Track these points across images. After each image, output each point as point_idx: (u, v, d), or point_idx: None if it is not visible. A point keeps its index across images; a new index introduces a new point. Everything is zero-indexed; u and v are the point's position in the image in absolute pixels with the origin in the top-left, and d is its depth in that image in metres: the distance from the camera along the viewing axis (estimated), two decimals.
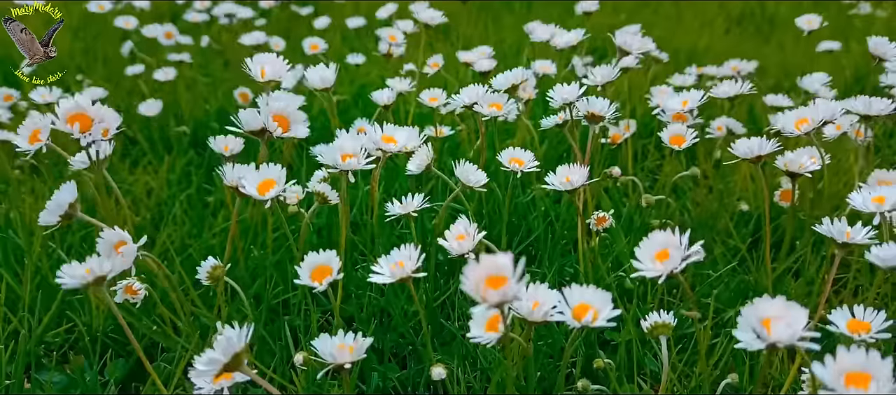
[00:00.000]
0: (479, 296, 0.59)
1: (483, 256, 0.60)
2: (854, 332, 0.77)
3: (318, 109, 1.74)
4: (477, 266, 0.59)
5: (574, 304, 0.76)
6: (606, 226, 1.11)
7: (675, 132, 1.23)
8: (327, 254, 0.88)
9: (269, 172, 0.94)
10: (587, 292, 0.77)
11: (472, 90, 1.21)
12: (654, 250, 0.76)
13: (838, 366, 0.60)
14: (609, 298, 0.76)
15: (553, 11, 2.74)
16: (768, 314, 0.64)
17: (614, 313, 0.74)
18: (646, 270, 0.75)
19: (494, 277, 0.60)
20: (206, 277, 0.95)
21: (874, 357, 0.59)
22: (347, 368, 0.80)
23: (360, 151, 0.95)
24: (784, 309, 0.65)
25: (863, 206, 0.93)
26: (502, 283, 0.59)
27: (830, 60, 1.91)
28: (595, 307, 0.75)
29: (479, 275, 0.59)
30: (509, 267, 0.59)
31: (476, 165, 1.04)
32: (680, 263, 0.73)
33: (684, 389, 0.95)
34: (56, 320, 1.08)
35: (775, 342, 0.63)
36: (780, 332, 0.63)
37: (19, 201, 1.35)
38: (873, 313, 0.79)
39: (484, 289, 0.59)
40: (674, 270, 0.73)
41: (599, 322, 0.74)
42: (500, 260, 0.59)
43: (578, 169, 1.02)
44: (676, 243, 0.74)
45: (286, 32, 2.48)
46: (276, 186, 0.92)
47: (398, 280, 0.82)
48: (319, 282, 0.85)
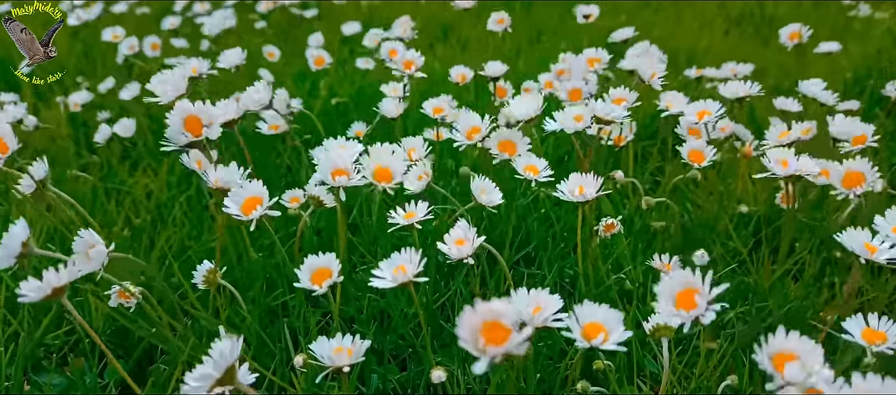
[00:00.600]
0: (477, 350, 0.54)
1: (478, 302, 0.54)
2: (870, 342, 0.75)
3: (317, 110, 1.74)
4: (472, 314, 0.54)
5: (585, 322, 0.73)
6: (614, 232, 1.10)
7: (694, 148, 1.22)
8: (327, 257, 0.88)
9: (252, 188, 0.91)
10: (599, 311, 0.73)
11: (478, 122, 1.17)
12: (675, 291, 0.71)
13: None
14: (621, 318, 0.72)
15: (553, 12, 2.74)
16: (782, 350, 0.63)
17: (625, 335, 0.71)
18: (667, 318, 0.71)
19: (491, 324, 0.55)
20: (202, 281, 0.95)
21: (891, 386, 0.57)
22: (346, 370, 0.79)
23: (352, 167, 0.94)
24: (798, 346, 0.63)
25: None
26: (501, 332, 0.54)
27: (829, 62, 1.91)
28: (607, 328, 0.72)
29: (474, 324, 0.54)
30: (507, 314, 0.54)
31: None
32: (705, 310, 0.69)
33: (684, 390, 0.95)
34: (55, 322, 1.07)
35: (787, 384, 0.61)
36: (794, 374, 0.60)
37: (18, 203, 1.35)
38: (888, 322, 0.77)
39: (482, 341, 0.54)
40: (699, 317, 0.69)
41: (609, 345, 0.70)
42: (496, 307, 0.54)
43: (592, 179, 1.01)
44: (700, 288, 0.69)
45: (285, 35, 2.49)
46: (261, 205, 0.89)
47: (400, 285, 0.82)
48: (319, 285, 0.85)
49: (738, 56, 1.85)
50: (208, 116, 1.01)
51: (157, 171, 1.60)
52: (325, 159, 0.95)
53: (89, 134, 1.74)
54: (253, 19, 2.62)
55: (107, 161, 1.66)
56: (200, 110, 1.00)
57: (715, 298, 0.69)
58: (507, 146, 1.17)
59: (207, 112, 1.01)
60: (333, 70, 2.00)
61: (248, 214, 0.89)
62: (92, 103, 1.78)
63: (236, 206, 0.90)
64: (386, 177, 0.98)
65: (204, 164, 1.13)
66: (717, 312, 0.69)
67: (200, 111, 1.00)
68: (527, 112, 1.20)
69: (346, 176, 0.94)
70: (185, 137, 1.01)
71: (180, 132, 0.99)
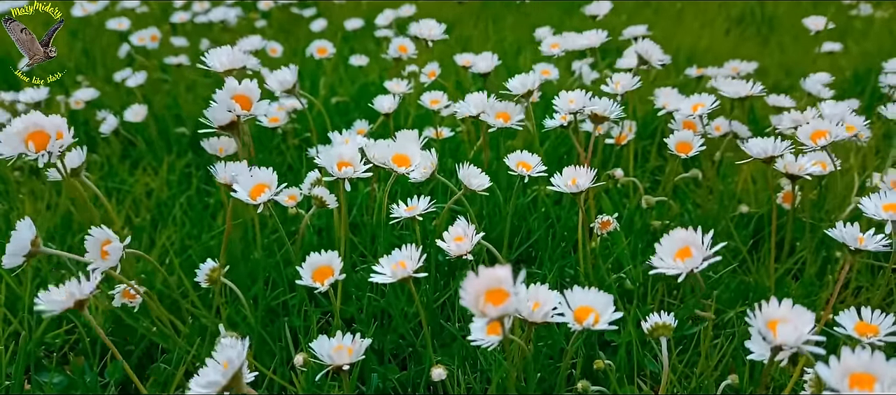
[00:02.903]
0: (478, 310, 0.58)
1: (481, 269, 0.58)
2: (862, 335, 0.77)
3: (317, 109, 1.73)
4: (475, 279, 0.58)
5: (575, 306, 0.76)
6: (610, 230, 1.10)
7: (682, 139, 1.23)
8: (329, 254, 0.88)
9: (260, 175, 0.92)
10: (589, 295, 0.76)
11: (477, 99, 1.19)
12: (674, 248, 0.76)
13: (843, 367, 0.59)
14: (610, 300, 0.75)
15: (553, 11, 2.74)
16: (775, 317, 0.65)
17: (615, 315, 0.74)
18: (665, 267, 0.75)
19: (493, 290, 0.58)
20: (204, 279, 0.95)
21: (879, 358, 0.59)
22: (346, 369, 0.80)
23: (357, 158, 0.95)
24: (791, 313, 0.65)
25: (874, 212, 0.91)
26: (502, 296, 0.58)
27: (830, 61, 1.91)
28: (596, 310, 0.75)
29: (477, 288, 0.58)
30: (509, 280, 0.58)
31: (479, 168, 1.04)
32: (701, 262, 0.73)
33: (684, 390, 0.95)
34: (56, 320, 1.07)
35: (781, 345, 0.63)
36: (786, 334, 0.63)
37: (19, 202, 1.35)
38: (881, 316, 0.78)
39: (483, 303, 0.58)
40: (694, 269, 0.73)
41: (601, 325, 0.74)
42: (499, 273, 0.58)
43: (584, 171, 1.01)
44: (698, 243, 0.74)
45: (285, 34, 2.49)
46: (268, 190, 0.90)
47: (400, 280, 0.82)
48: (321, 283, 0.85)
49: (739, 55, 1.85)
50: (255, 95, 1.03)
51: (157, 170, 1.60)
52: (330, 150, 0.96)
53: (90, 132, 1.74)
54: (253, 18, 2.62)
55: (107, 160, 1.66)
56: (247, 89, 1.03)
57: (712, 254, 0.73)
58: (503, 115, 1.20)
59: (254, 91, 1.03)
60: (332, 69, 2.01)
61: (255, 198, 0.90)
62: (93, 102, 1.78)
63: (244, 191, 0.91)
64: (404, 162, 1.01)
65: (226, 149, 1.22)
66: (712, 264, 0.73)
67: (248, 90, 1.03)
68: (524, 84, 1.23)
69: (350, 167, 0.94)
70: (228, 115, 1.02)
71: (228, 107, 1.01)
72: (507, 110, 1.20)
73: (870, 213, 0.92)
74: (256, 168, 0.94)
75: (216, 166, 1.03)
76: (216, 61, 1.11)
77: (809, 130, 1.09)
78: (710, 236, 0.74)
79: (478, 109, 1.19)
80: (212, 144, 1.28)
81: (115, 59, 2.17)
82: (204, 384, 0.66)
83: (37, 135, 0.91)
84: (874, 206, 0.92)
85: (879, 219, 0.91)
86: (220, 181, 1.02)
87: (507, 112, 1.19)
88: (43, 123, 0.91)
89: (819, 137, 1.07)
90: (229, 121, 1.03)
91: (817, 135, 1.08)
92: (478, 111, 1.19)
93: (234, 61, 1.11)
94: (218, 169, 1.02)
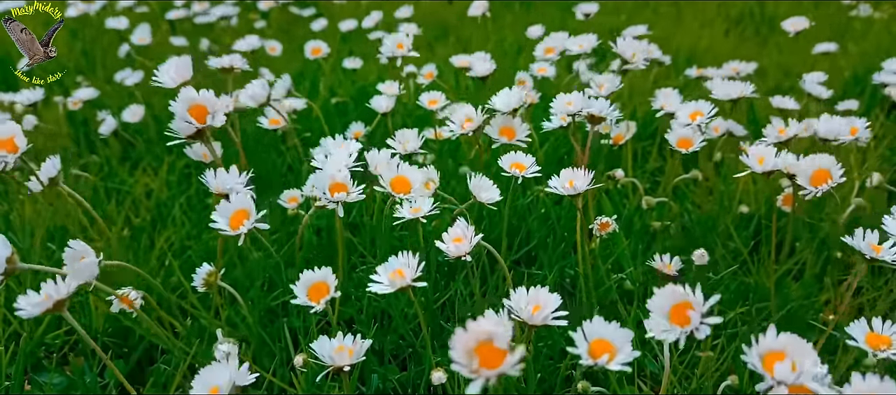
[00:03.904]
0: (469, 371, 0.53)
1: (470, 323, 0.53)
2: (874, 347, 0.74)
3: (315, 114, 1.73)
4: (465, 334, 0.53)
5: (592, 338, 0.71)
6: (610, 231, 1.10)
7: (683, 135, 1.23)
8: (323, 271, 0.86)
9: (240, 202, 0.87)
10: (609, 329, 0.71)
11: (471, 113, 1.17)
12: (667, 307, 0.70)
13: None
14: (630, 338, 0.70)
15: (552, 11, 2.74)
16: (772, 349, 0.62)
17: (633, 356, 0.68)
18: (656, 332, 0.69)
19: (486, 345, 0.53)
20: (201, 283, 0.95)
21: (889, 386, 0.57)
22: (346, 370, 0.79)
23: (350, 181, 0.93)
24: (789, 345, 0.62)
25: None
26: (495, 352, 0.53)
27: (829, 62, 1.92)
28: (615, 345, 0.70)
29: (467, 345, 0.53)
30: (501, 335, 0.53)
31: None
32: (700, 324, 0.67)
33: (685, 391, 0.95)
34: (56, 321, 1.07)
35: (781, 381, 0.60)
36: (783, 374, 0.60)
37: (18, 203, 1.35)
38: (892, 327, 0.76)
39: (476, 363, 0.53)
40: (693, 331, 0.67)
41: (614, 366, 0.68)
42: (490, 328, 0.53)
43: (582, 173, 1.01)
44: (693, 301, 0.67)
45: (285, 34, 2.49)
46: (249, 219, 0.86)
47: (398, 290, 0.81)
48: (317, 302, 0.84)
49: (738, 56, 1.85)
50: (212, 104, 0.99)
51: (157, 170, 1.60)
52: (322, 174, 0.93)
53: (89, 133, 1.74)
54: (253, 18, 2.62)
55: (107, 161, 1.66)
56: (204, 98, 0.99)
57: (709, 311, 0.67)
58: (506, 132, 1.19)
59: (211, 100, 0.99)
60: (330, 69, 2.00)
61: (236, 228, 0.85)
62: (92, 101, 1.77)
63: (224, 220, 0.87)
64: (404, 187, 0.98)
65: (210, 157, 1.16)
66: (712, 326, 0.67)
67: (204, 99, 0.99)
68: (509, 103, 1.21)
69: (344, 192, 0.92)
70: (189, 127, 0.99)
71: (185, 119, 0.98)
72: (512, 126, 1.18)
73: (893, 232, 0.87)
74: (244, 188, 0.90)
75: (206, 175, 0.99)
76: (166, 77, 1.08)
77: (809, 171, 1.02)
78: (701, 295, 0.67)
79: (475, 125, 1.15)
80: (195, 150, 1.26)
81: (115, 60, 2.17)
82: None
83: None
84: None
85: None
86: (214, 192, 0.97)
87: (512, 128, 1.18)
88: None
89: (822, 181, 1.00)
90: (196, 130, 0.99)
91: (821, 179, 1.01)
92: (477, 126, 1.16)
93: (183, 75, 1.08)
94: (209, 181, 0.97)
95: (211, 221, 0.87)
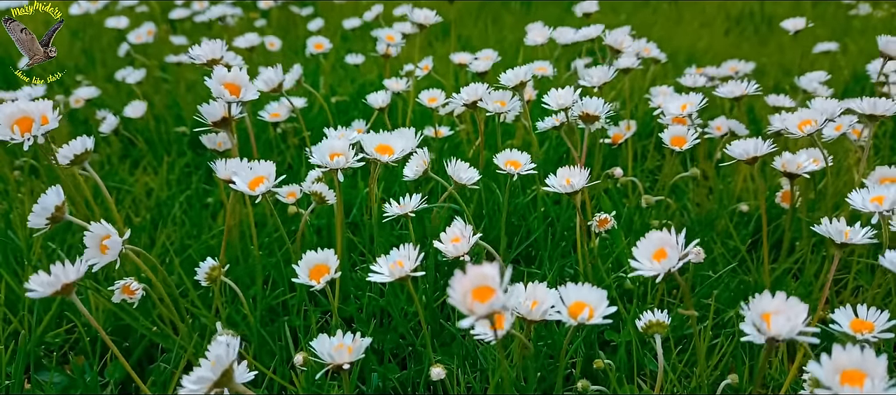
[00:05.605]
0: (466, 308, 0.58)
1: (469, 266, 0.59)
2: (857, 331, 0.77)
3: (317, 108, 1.74)
4: (463, 277, 0.58)
5: (570, 302, 0.77)
6: (608, 228, 1.11)
7: (676, 133, 1.24)
8: (325, 253, 0.89)
9: (259, 168, 0.94)
10: (583, 291, 0.78)
11: (473, 88, 1.20)
12: (651, 250, 0.76)
13: (834, 364, 0.60)
14: (604, 295, 0.76)
15: (552, 11, 2.74)
16: (768, 310, 0.65)
17: (610, 310, 0.75)
18: (643, 269, 0.75)
19: (481, 288, 0.58)
20: (204, 278, 0.95)
21: (869, 355, 0.59)
22: (346, 368, 0.80)
23: (349, 150, 0.96)
24: (784, 305, 0.66)
25: (862, 205, 0.93)
26: (489, 294, 0.58)
27: (829, 61, 1.92)
28: (591, 305, 0.76)
29: (465, 286, 0.58)
30: (496, 277, 0.58)
31: (470, 165, 1.05)
32: (677, 262, 0.73)
33: (684, 389, 0.95)
34: (56, 320, 1.07)
35: (775, 336, 0.64)
36: (780, 326, 0.63)
37: (18, 202, 1.35)
38: (876, 313, 0.79)
39: (471, 301, 0.58)
40: (671, 269, 0.73)
41: (595, 319, 0.74)
42: (486, 270, 0.58)
43: (579, 171, 1.02)
44: (673, 243, 0.74)
45: (284, 33, 2.49)
46: (266, 181, 0.91)
47: (397, 279, 0.82)
48: (317, 281, 0.86)
49: (738, 55, 1.85)
50: (244, 80, 1.05)
51: (157, 169, 1.60)
52: (323, 144, 0.96)
53: (90, 132, 1.74)
54: (253, 17, 2.62)
55: (107, 159, 1.66)
56: (235, 76, 1.05)
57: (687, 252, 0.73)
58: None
59: (242, 77, 1.05)
60: (331, 68, 2.01)
61: (254, 189, 0.91)
62: (93, 100, 1.78)
63: (244, 182, 0.91)
64: (387, 151, 1.00)
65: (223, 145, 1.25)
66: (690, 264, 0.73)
67: (236, 77, 1.05)
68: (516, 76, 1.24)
69: (342, 157, 0.95)
70: (220, 111, 1.05)
71: (218, 94, 1.03)
72: (503, 97, 1.21)
73: (857, 206, 0.93)
74: (256, 162, 0.95)
75: (216, 163, 1.04)
76: (199, 52, 1.13)
77: (796, 119, 1.10)
78: (683, 235, 0.74)
79: (474, 96, 1.19)
80: (211, 139, 1.31)
81: (116, 59, 2.17)
82: (195, 380, 0.67)
83: (22, 121, 0.96)
84: (862, 199, 0.94)
85: (866, 211, 0.93)
86: (220, 177, 1.03)
87: (503, 99, 1.20)
88: (28, 109, 0.95)
89: (805, 125, 1.08)
90: (221, 117, 1.05)
91: (804, 123, 1.09)
92: (473, 99, 1.19)
93: (215, 53, 1.14)
94: (218, 166, 1.03)
95: (231, 183, 0.92)
